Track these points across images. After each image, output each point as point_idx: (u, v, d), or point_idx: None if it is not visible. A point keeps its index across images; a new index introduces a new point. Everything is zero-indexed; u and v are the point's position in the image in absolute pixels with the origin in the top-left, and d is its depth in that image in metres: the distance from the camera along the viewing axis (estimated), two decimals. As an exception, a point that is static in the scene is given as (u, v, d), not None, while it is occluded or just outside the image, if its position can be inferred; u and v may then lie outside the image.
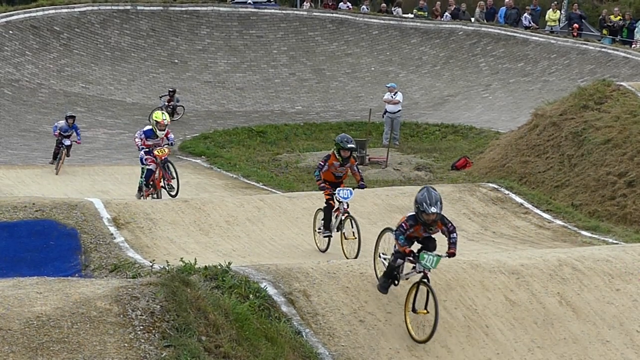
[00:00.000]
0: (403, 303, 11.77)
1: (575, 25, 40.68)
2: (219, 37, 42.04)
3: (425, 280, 11.49)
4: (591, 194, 21.36)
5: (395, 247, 11.74)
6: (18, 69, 37.07)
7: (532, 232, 18.05)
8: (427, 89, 39.41)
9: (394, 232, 11.67)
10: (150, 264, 13.58)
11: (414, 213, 11.48)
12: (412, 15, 43.89)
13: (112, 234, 15.65)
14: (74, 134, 26.74)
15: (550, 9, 41.70)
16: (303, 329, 11.08)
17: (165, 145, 20.06)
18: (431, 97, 38.69)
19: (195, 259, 12.40)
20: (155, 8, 42.09)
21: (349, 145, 15.51)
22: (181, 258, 12.57)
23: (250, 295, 11.28)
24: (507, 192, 19.90)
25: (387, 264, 11.96)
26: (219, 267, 11.92)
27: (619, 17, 40.00)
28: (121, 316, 9.49)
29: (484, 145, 28.10)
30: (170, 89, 35.44)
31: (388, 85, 31.95)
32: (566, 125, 23.57)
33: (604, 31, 40.37)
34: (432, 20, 43.28)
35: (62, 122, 26.92)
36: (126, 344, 9.23)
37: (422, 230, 11.54)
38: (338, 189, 15.61)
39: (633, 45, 38.73)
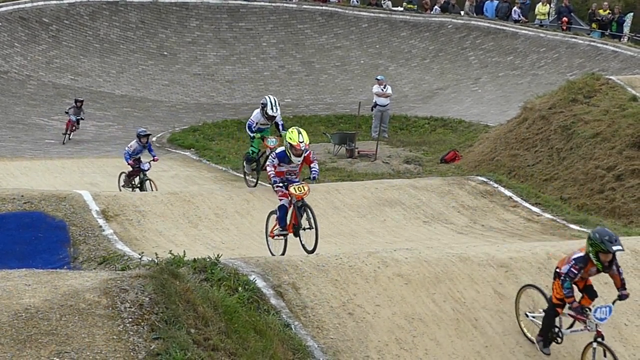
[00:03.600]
0: (392, 296, 11.78)
1: (565, 19, 40.72)
2: (209, 30, 41.98)
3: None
4: (580, 188, 21.41)
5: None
6: (7, 61, 36.96)
7: (521, 226, 18.07)
8: (416, 82, 39.42)
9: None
10: (139, 257, 13.56)
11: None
12: (401, 9, 43.89)
13: (101, 227, 15.62)
14: (148, 153, 21.97)
15: (540, 3, 41.73)
16: (292, 322, 11.08)
17: (305, 180, 14.69)
18: (420, 91, 38.71)
19: (184, 251, 12.37)
20: (144, 0, 42.00)
21: (614, 248, 10.81)
22: (170, 250, 12.55)
23: (239, 288, 11.27)
24: (496, 185, 19.91)
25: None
26: (208, 259, 11.91)
27: (607, 12, 40.05)
28: (110, 308, 9.47)
29: (473, 138, 28.13)
30: (78, 99, 31.41)
31: (378, 78, 31.93)
32: (555, 118, 23.62)
33: (593, 25, 40.44)
34: (421, 14, 43.28)
35: (133, 143, 21.99)
36: (115, 336, 9.21)
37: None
38: (595, 307, 11.07)
39: (622, 39, 38.81)
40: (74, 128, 30.57)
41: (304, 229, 14.21)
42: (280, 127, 18.45)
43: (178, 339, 9.32)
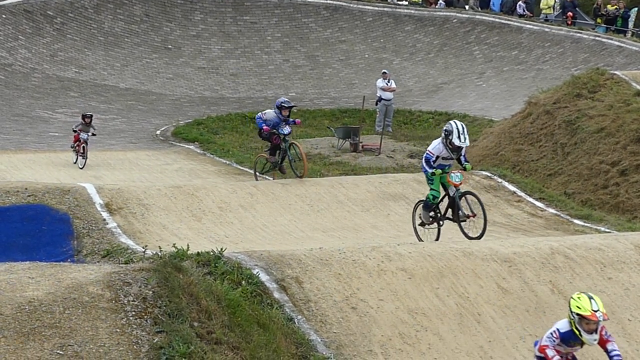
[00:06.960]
0: (395, 290, 11.78)
1: (570, 13, 40.65)
2: (213, 23, 41.96)
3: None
4: (584, 183, 21.37)
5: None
6: (11, 54, 36.97)
7: (525, 220, 18.06)
8: (420, 76, 39.38)
9: None
10: (143, 250, 13.56)
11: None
12: (406, 3, 43.85)
13: (104, 220, 15.63)
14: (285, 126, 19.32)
15: (545, -3, 41.71)
16: (295, 316, 11.07)
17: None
18: (425, 85, 38.67)
19: (188, 244, 12.38)
20: (148, -7, 42.01)
21: None
22: (174, 244, 12.54)
23: (243, 282, 11.27)
24: (500, 180, 19.90)
25: None
26: (212, 253, 11.90)
27: (614, 7, 39.97)
28: (113, 302, 9.47)
29: (478, 133, 28.07)
30: (86, 115, 26.14)
31: (386, 71, 31.88)
32: (560, 113, 23.57)
33: (598, 20, 40.37)
34: (426, 8, 43.24)
35: (270, 112, 19.25)
36: (118, 330, 9.22)
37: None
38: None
39: (627, 34, 38.75)
40: (85, 148, 25.07)
41: None
42: (463, 159, 15.30)
43: (181, 332, 9.32)
